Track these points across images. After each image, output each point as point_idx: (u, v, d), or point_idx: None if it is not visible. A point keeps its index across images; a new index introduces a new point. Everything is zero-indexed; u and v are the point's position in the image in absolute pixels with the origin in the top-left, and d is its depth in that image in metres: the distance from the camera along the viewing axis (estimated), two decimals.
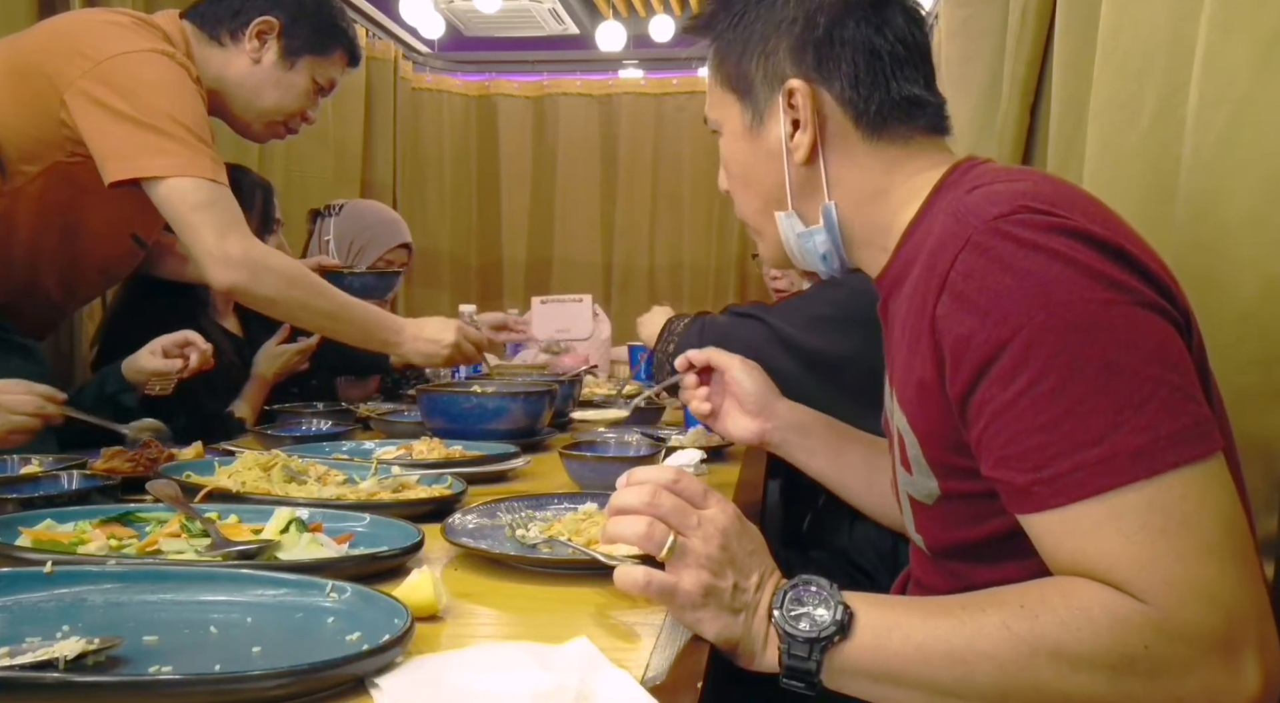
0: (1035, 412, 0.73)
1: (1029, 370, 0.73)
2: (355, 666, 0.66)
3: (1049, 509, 0.74)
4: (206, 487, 1.16)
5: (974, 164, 0.94)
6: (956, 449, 0.83)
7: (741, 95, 0.99)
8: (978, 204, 0.80)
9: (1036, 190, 0.81)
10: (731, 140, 1.02)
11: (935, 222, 0.87)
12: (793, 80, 0.95)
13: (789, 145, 0.97)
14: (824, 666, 0.76)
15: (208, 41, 1.78)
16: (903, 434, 0.89)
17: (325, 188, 3.46)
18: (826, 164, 0.96)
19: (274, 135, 1.90)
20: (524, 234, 4.55)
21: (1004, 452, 0.76)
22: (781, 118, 0.96)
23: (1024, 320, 0.73)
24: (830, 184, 0.97)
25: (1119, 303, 0.73)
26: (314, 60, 1.84)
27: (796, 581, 0.79)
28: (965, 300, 0.77)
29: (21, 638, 0.68)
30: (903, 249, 0.94)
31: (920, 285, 0.83)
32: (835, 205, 0.97)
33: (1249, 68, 1.00)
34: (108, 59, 1.60)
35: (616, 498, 0.83)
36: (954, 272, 0.78)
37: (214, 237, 1.62)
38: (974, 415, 0.78)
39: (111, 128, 1.59)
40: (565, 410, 2.07)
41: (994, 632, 0.73)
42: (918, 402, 0.85)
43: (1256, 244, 1.00)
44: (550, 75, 4.54)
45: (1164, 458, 0.71)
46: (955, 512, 0.87)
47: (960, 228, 0.79)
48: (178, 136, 1.60)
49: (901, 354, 0.88)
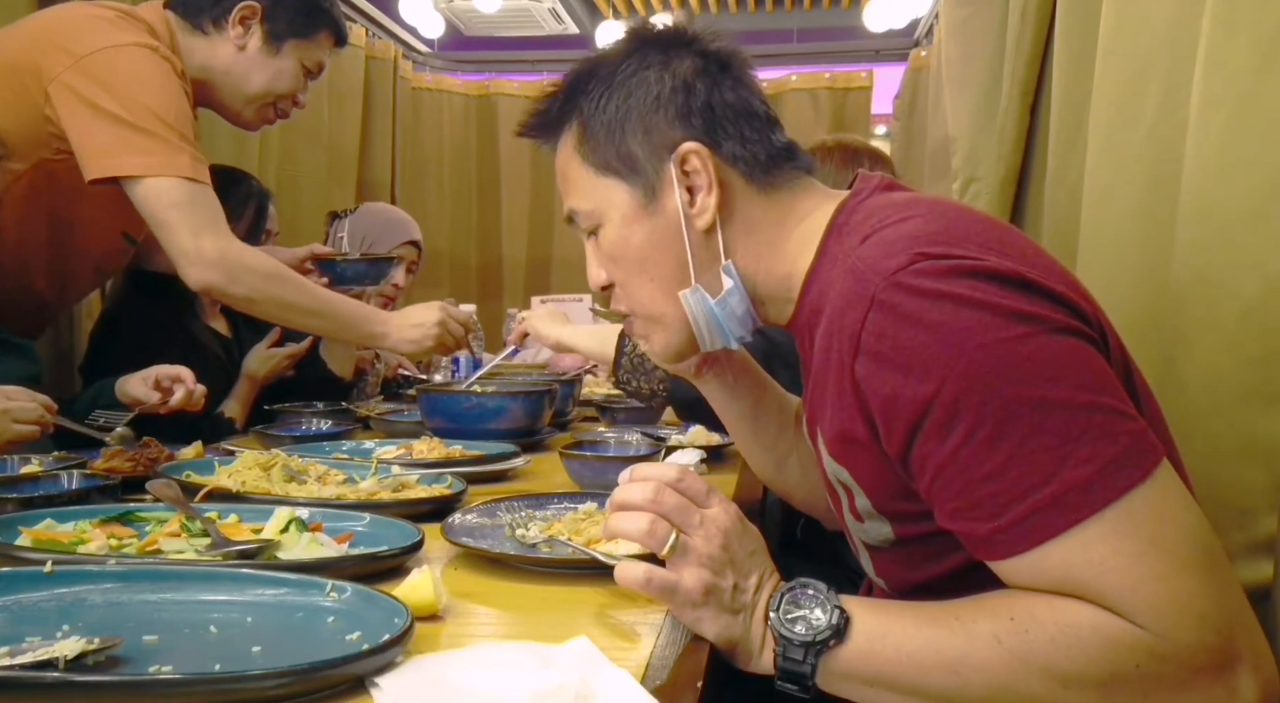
0: (979, 462, 0.73)
1: (963, 422, 0.73)
2: (355, 665, 0.66)
3: (1016, 556, 0.74)
4: (206, 487, 1.16)
5: (859, 199, 0.93)
6: (905, 496, 0.82)
7: (625, 175, 0.96)
8: (874, 259, 0.79)
9: (928, 231, 0.80)
10: (619, 226, 0.98)
11: (834, 270, 0.87)
12: (686, 145, 0.93)
13: (689, 212, 0.94)
14: (818, 669, 0.77)
15: (191, 31, 1.77)
16: (847, 486, 0.88)
17: (318, 188, 3.45)
18: (723, 225, 0.95)
19: (265, 121, 1.89)
20: (524, 234, 4.54)
21: (956, 503, 0.76)
22: (676, 187, 0.94)
23: (945, 372, 0.73)
24: (727, 245, 0.95)
25: (1033, 335, 0.73)
26: (299, 43, 1.83)
27: (794, 584, 0.80)
28: (883, 360, 0.76)
29: (21, 638, 0.68)
30: (806, 296, 0.93)
31: (833, 342, 0.82)
32: (733, 264, 0.96)
33: (1250, 67, 0.99)
34: (90, 54, 1.59)
35: (619, 493, 0.83)
36: (865, 332, 0.77)
37: (189, 236, 1.61)
38: (917, 470, 0.78)
39: (93, 124, 1.58)
40: (565, 410, 2.07)
41: (985, 644, 0.74)
42: (853, 456, 0.84)
43: (1257, 244, 0.99)
44: (550, 75, 4.51)
45: (1115, 484, 0.71)
46: (913, 553, 0.87)
47: (861, 287, 0.78)
48: (158, 135, 1.59)
49: (826, 407, 0.86)
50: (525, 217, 4.54)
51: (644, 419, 2.04)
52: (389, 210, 2.75)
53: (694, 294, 0.96)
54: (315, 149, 3.47)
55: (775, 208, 0.96)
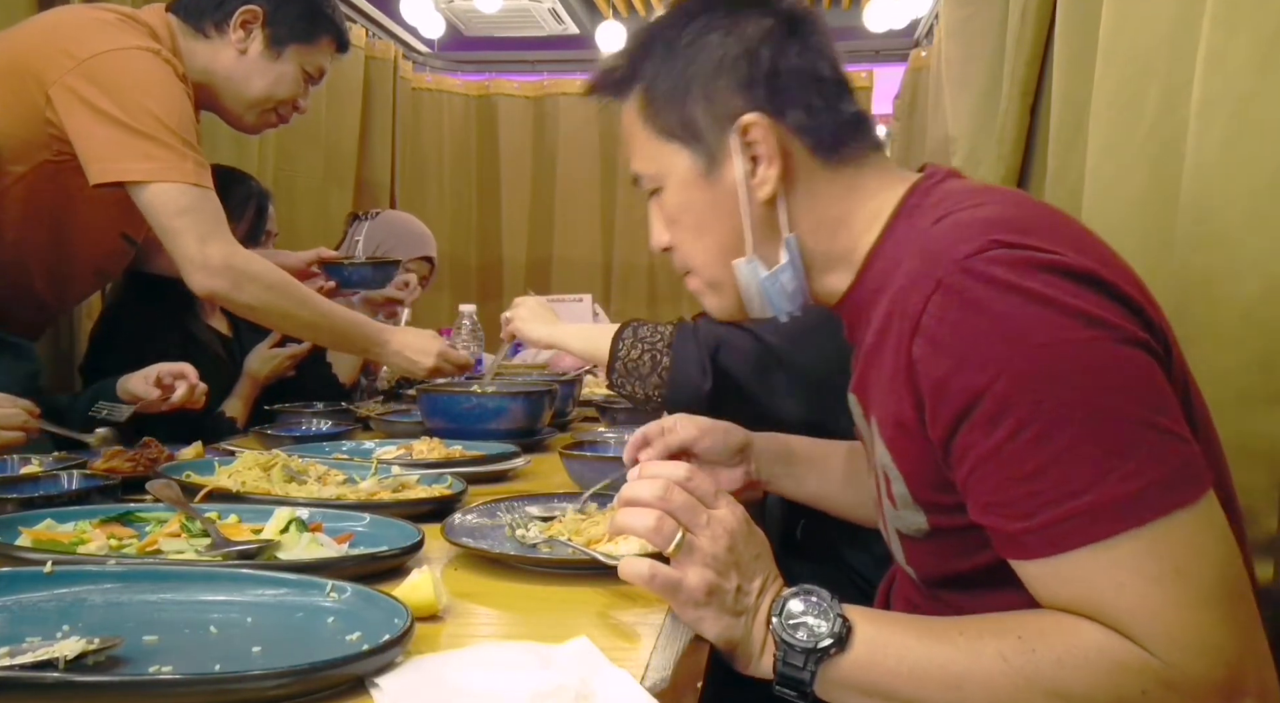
0: (1020, 460, 0.72)
1: (1011, 417, 0.72)
2: (355, 666, 0.66)
3: (1041, 558, 0.73)
4: (206, 487, 1.16)
5: (933, 181, 0.91)
6: (942, 488, 0.81)
7: (687, 142, 0.94)
8: (946, 241, 0.78)
9: (1005, 218, 0.79)
10: (679, 191, 0.96)
11: (901, 251, 0.85)
12: (748, 115, 0.90)
13: (750, 184, 0.92)
14: (817, 676, 0.77)
15: (193, 34, 1.77)
16: (887, 471, 0.87)
17: (314, 188, 3.45)
18: (787, 197, 0.92)
19: (266, 125, 1.90)
20: (524, 234, 4.55)
21: (991, 498, 0.75)
22: (738, 157, 0.92)
23: (1002, 366, 0.72)
24: (791, 218, 0.93)
25: (1099, 342, 0.72)
26: (300, 48, 1.83)
27: (797, 589, 0.79)
28: (940, 345, 0.75)
29: (21, 638, 0.68)
30: (866, 275, 0.91)
31: (892, 324, 0.81)
32: (796, 239, 0.94)
33: (1251, 67, 1.00)
34: (93, 57, 1.59)
35: (627, 489, 0.83)
36: (927, 315, 0.76)
37: (195, 243, 1.61)
38: (957, 459, 0.77)
39: (96, 128, 1.58)
40: (565, 410, 2.07)
41: (990, 662, 0.73)
42: (900, 441, 0.83)
43: (1258, 244, 1.00)
44: (550, 75, 4.54)
45: (1154, 505, 0.70)
46: (945, 545, 0.86)
47: (930, 267, 0.77)
48: (161, 140, 1.60)
49: (879, 391, 0.85)
50: (525, 217, 4.54)
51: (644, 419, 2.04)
52: (407, 222, 2.75)
53: (747, 265, 0.95)
54: (313, 150, 3.47)
55: (840, 182, 0.93)
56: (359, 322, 1.85)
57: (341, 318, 1.80)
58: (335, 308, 1.81)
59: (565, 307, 2.87)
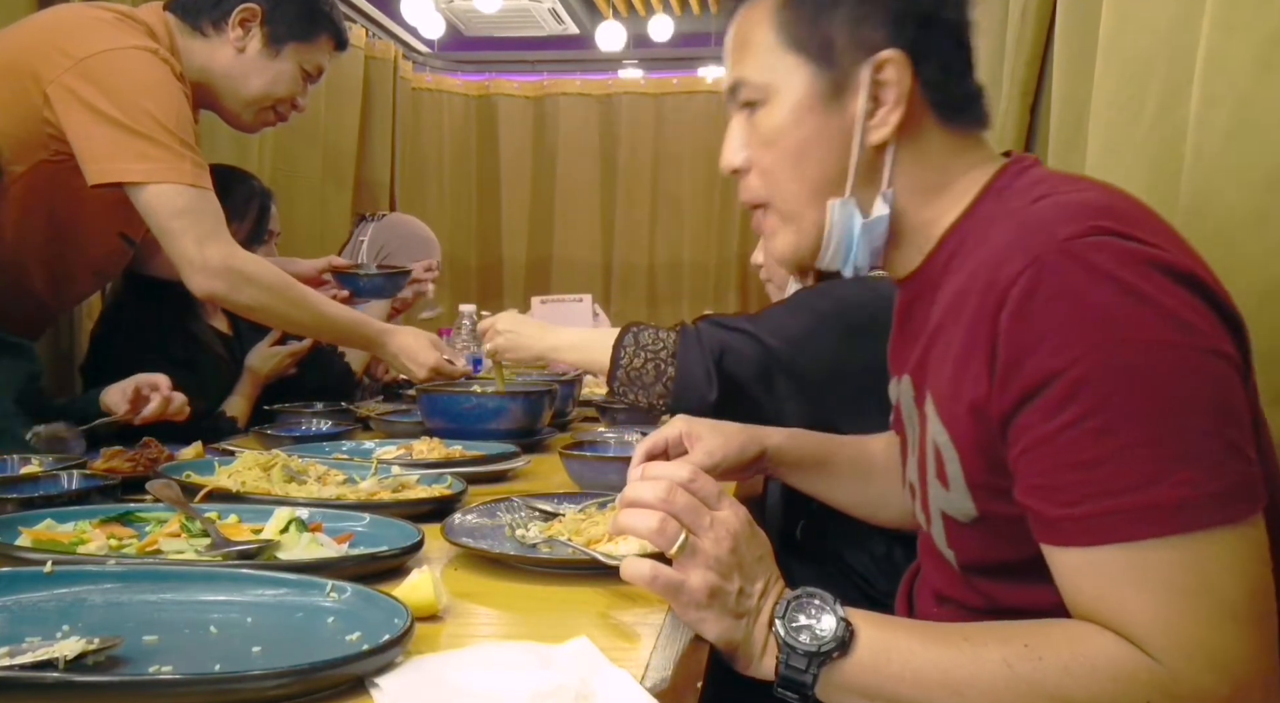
0: (1077, 448, 0.71)
1: (1078, 405, 0.70)
2: (355, 666, 0.66)
3: (1075, 547, 0.73)
4: (206, 487, 1.16)
5: (1025, 165, 0.89)
6: (998, 470, 0.79)
7: (817, 60, 0.88)
8: (1047, 218, 0.76)
9: (1109, 205, 0.77)
10: (789, 111, 0.90)
11: (992, 228, 0.82)
12: (888, 51, 0.85)
13: (868, 123, 0.87)
14: (819, 679, 0.76)
15: (191, 33, 1.77)
16: (941, 449, 0.85)
17: (312, 188, 3.45)
18: (897, 149, 0.88)
19: (264, 123, 1.90)
20: (524, 234, 4.55)
21: (1038, 481, 0.74)
22: (862, 92, 0.86)
23: (1082, 353, 0.70)
24: (893, 170, 0.89)
25: (1186, 348, 0.70)
26: (299, 46, 1.83)
27: (800, 592, 0.79)
28: (1025, 321, 0.73)
29: (21, 638, 0.68)
30: (942, 250, 0.89)
31: (969, 299, 0.79)
32: (894, 194, 0.89)
33: (1250, 67, 0.99)
34: (90, 56, 1.59)
35: (630, 490, 0.83)
36: (1016, 288, 0.73)
37: (194, 244, 1.62)
38: (1014, 437, 0.75)
39: (94, 128, 1.58)
40: (565, 410, 2.07)
41: (995, 668, 0.73)
42: (964, 420, 0.80)
43: (1258, 244, 1.00)
44: (550, 75, 4.54)
45: (1201, 517, 0.69)
46: (991, 532, 0.84)
47: (1028, 242, 0.75)
48: (159, 140, 1.59)
49: (946, 368, 0.82)
50: (525, 217, 4.55)
51: (644, 420, 2.04)
52: (414, 227, 2.75)
53: (844, 206, 0.89)
54: (312, 150, 3.47)
55: (948, 149, 0.90)
56: (359, 321, 1.85)
57: (341, 318, 1.81)
58: (334, 308, 1.82)
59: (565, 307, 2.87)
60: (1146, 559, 0.70)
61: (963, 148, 0.90)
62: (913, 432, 0.94)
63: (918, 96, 0.87)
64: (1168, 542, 0.69)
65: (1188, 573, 0.69)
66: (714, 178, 4.38)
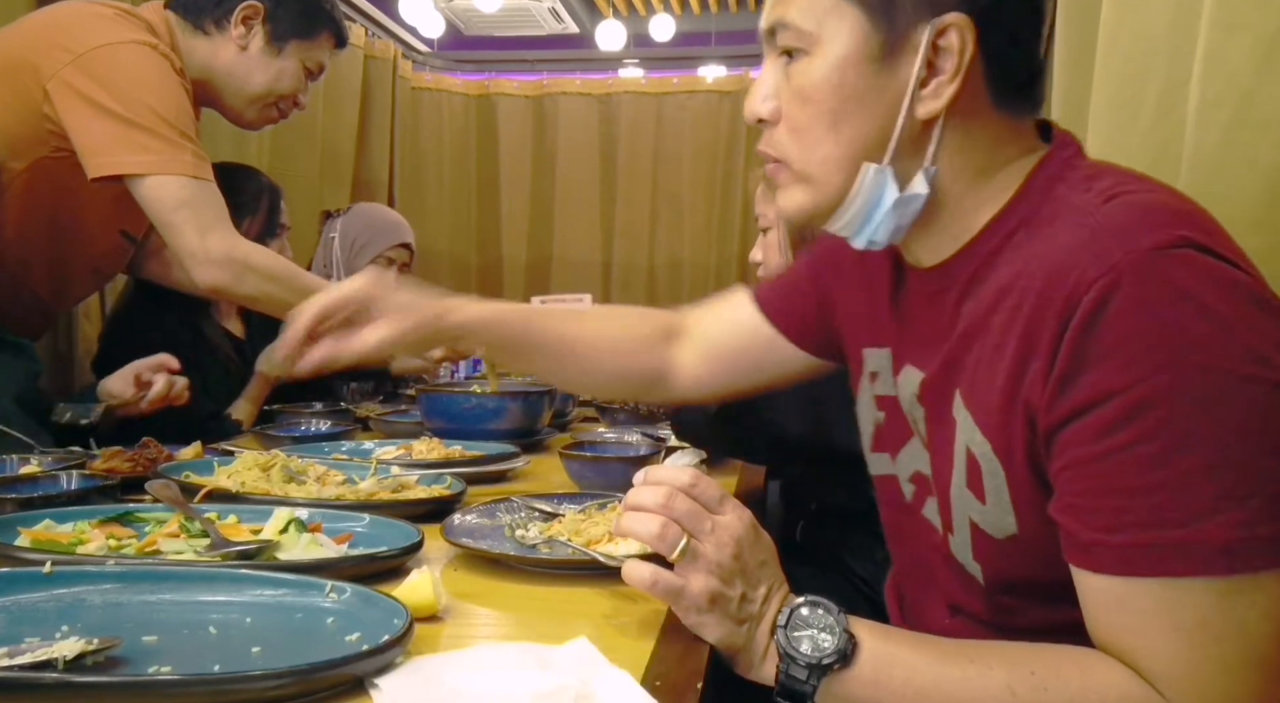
0: (1125, 472, 0.68)
1: (1134, 428, 0.67)
2: (355, 666, 0.66)
3: (1107, 574, 0.70)
4: (206, 487, 1.16)
5: (1070, 153, 0.83)
6: (1047, 487, 0.76)
7: (874, 13, 0.79)
8: (1126, 223, 0.71)
9: (1188, 211, 0.73)
10: (834, 65, 0.81)
11: (1051, 226, 0.77)
12: (954, 15, 0.77)
13: (920, 92, 0.79)
14: (819, 690, 0.76)
15: (192, 31, 1.77)
16: (980, 460, 0.80)
17: (310, 187, 3.45)
18: (945, 125, 0.80)
19: (267, 121, 1.90)
20: (524, 234, 4.55)
21: (1078, 501, 0.71)
22: (919, 57, 0.78)
23: (1146, 374, 0.67)
24: (939, 149, 0.81)
25: (1259, 382, 0.66)
26: (301, 44, 1.83)
27: (804, 600, 0.78)
28: (1092, 331, 0.69)
29: (21, 638, 0.68)
30: (983, 241, 0.83)
31: (1035, 301, 0.73)
32: (936, 172, 0.82)
33: (1250, 67, 0.99)
34: (89, 51, 1.59)
35: (631, 496, 0.82)
36: (1090, 296, 0.69)
37: (196, 236, 1.61)
38: (1058, 449, 0.72)
39: (93, 122, 1.58)
40: (565, 410, 2.07)
41: (998, 693, 0.71)
42: (1019, 432, 0.76)
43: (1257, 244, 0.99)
44: (550, 74, 4.53)
45: (1249, 560, 0.66)
46: (1029, 551, 0.80)
47: (1104, 247, 0.70)
48: (160, 133, 1.60)
49: (994, 375, 0.77)
50: (525, 217, 4.54)
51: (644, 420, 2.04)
52: (380, 212, 2.73)
53: (880, 174, 0.82)
54: (309, 148, 3.46)
55: (999, 131, 0.83)
56: None
57: None
58: None
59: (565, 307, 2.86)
60: (1183, 597, 0.67)
61: (1013, 134, 0.84)
62: (922, 428, 0.91)
63: (977, 69, 0.79)
64: (1208, 582, 0.66)
65: (1224, 618, 0.67)
66: (714, 177, 4.38)
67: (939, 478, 0.88)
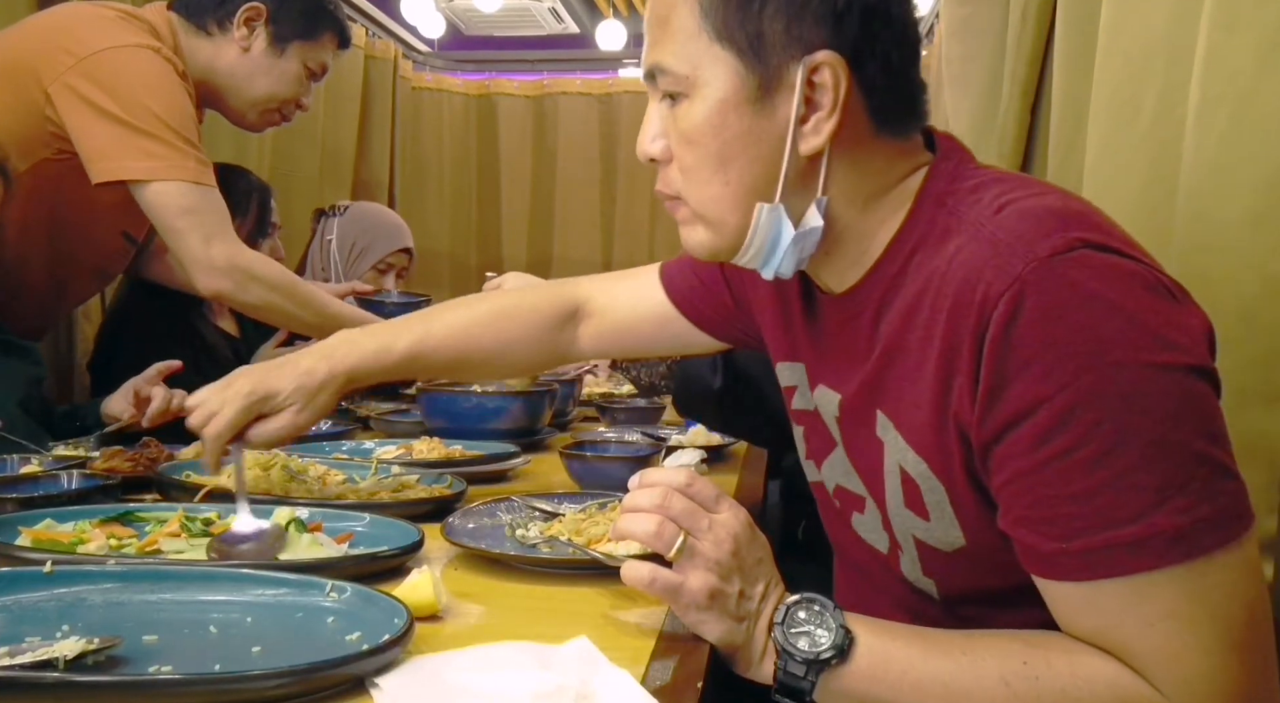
0: (1068, 479, 0.69)
1: (1067, 434, 0.68)
2: (355, 666, 0.66)
3: (1072, 581, 0.71)
4: (206, 487, 1.16)
5: (954, 161, 0.85)
6: (989, 498, 0.77)
7: (746, 56, 0.79)
8: (1021, 232, 0.72)
9: (1078, 211, 0.74)
10: (713, 108, 0.81)
11: (949, 240, 0.78)
12: (823, 53, 0.78)
13: (801, 129, 0.80)
14: (818, 686, 0.76)
15: (195, 32, 1.77)
16: (916, 479, 0.82)
17: (311, 187, 3.45)
18: (831, 156, 0.81)
19: (269, 123, 1.90)
20: (524, 234, 4.55)
21: (1028, 513, 0.72)
22: (796, 95, 0.79)
23: (1069, 380, 0.68)
24: (827, 179, 0.82)
25: (1173, 369, 0.68)
26: (303, 45, 1.83)
27: (800, 597, 0.79)
28: (1007, 344, 0.70)
29: (21, 638, 0.68)
30: (885, 264, 0.84)
31: (948, 318, 0.75)
32: (827, 202, 0.83)
33: (1250, 67, 0.99)
34: (92, 54, 1.59)
35: (629, 498, 0.83)
36: (999, 310, 0.70)
37: (200, 243, 1.63)
38: (996, 465, 0.74)
39: (97, 127, 1.58)
40: (566, 410, 2.07)
41: (993, 686, 0.72)
42: (954, 448, 0.77)
43: (1257, 243, 0.99)
44: (550, 74, 4.53)
45: (1201, 542, 0.67)
46: (979, 561, 0.82)
47: (1004, 261, 0.71)
48: (163, 138, 1.60)
49: (918, 394, 0.79)
50: (525, 217, 4.54)
51: (644, 419, 2.04)
52: (380, 214, 2.71)
53: (773, 212, 0.82)
54: (310, 148, 3.47)
55: (885, 154, 0.84)
56: (363, 319, 1.85)
57: (345, 315, 1.81)
58: (339, 306, 1.82)
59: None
60: (1148, 590, 0.68)
61: (898, 154, 0.85)
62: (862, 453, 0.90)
63: (856, 100, 0.80)
64: (1168, 572, 0.68)
65: (1191, 602, 0.68)
66: None
67: (873, 496, 0.89)
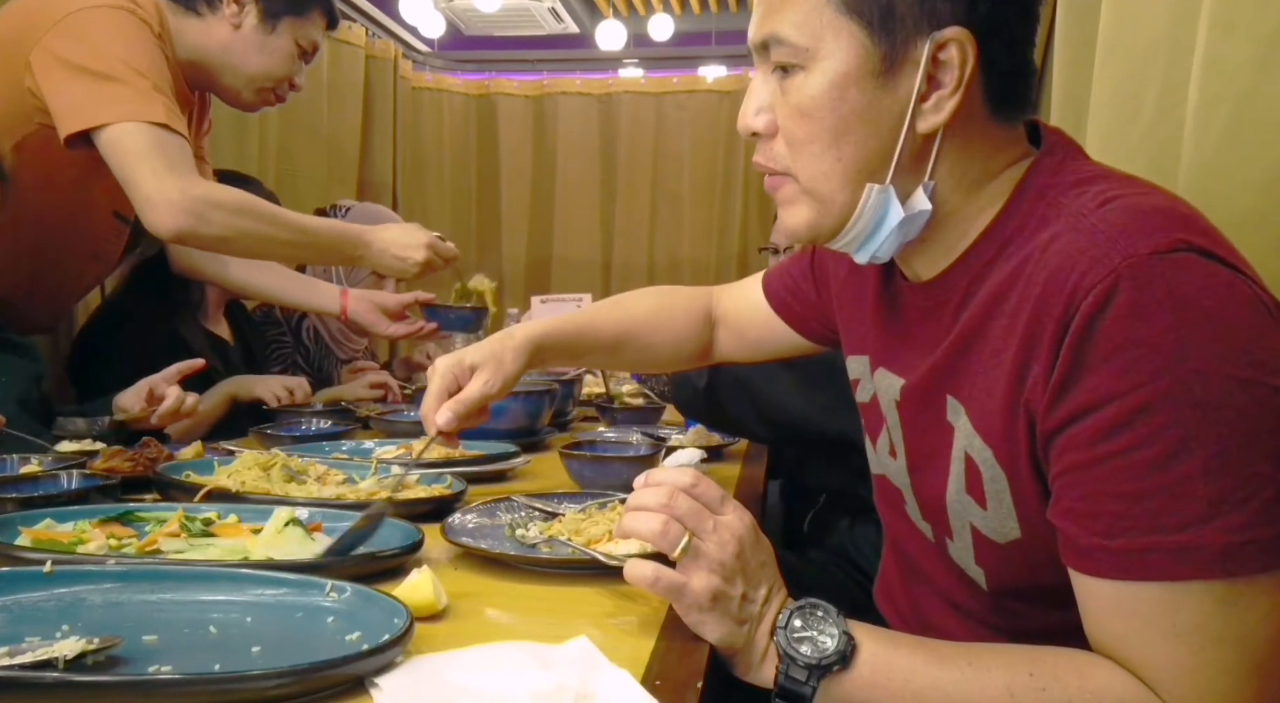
0: (1123, 478, 0.68)
1: (1133, 433, 0.67)
2: (355, 666, 0.66)
3: (1107, 578, 0.70)
4: (206, 487, 1.16)
5: (1061, 154, 0.83)
6: (1047, 490, 0.76)
7: (874, 29, 0.77)
8: (1124, 226, 0.70)
9: (1185, 215, 0.72)
10: (833, 83, 0.79)
11: (1045, 230, 0.76)
12: (952, 29, 0.76)
13: (921, 106, 0.78)
14: (819, 692, 0.76)
15: (184, 12, 1.77)
16: (980, 466, 0.81)
17: (317, 187, 3.45)
18: (944, 138, 0.80)
19: (264, 102, 1.89)
20: (523, 233, 4.55)
21: (1077, 506, 0.71)
22: (920, 71, 0.77)
23: (1145, 380, 0.66)
24: (937, 163, 0.81)
25: (1255, 386, 0.66)
26: (294, 21, 1.83)
27: (803, 603, 0.79)
28: (1091, 335, 0.69)
29: (21, 638, 0.68)
30: (977, 252, 0.82)
31: (1034, 307, 0.73)
32: (934, 186, 0.82)
33: (1249, 67, 0.99)
34: (66, 16, 1.58)
35: (634, 498, 0.83)
36: (1089, 300, 0.69)
37: (151, 181, 1.54)
38: (1056, 455, 0.73)
39: (67, 82, 1.56)
40: (565, 410, 2.07)
41: (997, 695, 0.72)
42: (1021, 437, 0.76)
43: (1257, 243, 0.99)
44: (550, 74, 4.54)
45: (1248, 563, 0.66)
46: (1032, 555, 0.80)
47: (1103, 251, 0.70)
48: (129, 81, 1.56)
49: (992, 381, 0.78)
50: (525, 217, 4.55)
51: (644, 419, 2.04)
52: (382, 215, 2.70)
53: (883, 193, 0.81)
54: (315, 148, 3.47)
55: (994, 139, 0.82)
56: (338, 229, 1.82)
57: (322, 230, 1.78)
58: (313, 221, 1.78)
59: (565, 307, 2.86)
60: (1183, 600, 0.67)
61: (1008, 139, 0.83)
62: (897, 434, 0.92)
63: (976, 80, 0.78)
64: (1208, 586, 0.66)
65: (1223, 621, 0.67)
66: (714, 177, 4.39)
67: (927, 485, 0.89)
